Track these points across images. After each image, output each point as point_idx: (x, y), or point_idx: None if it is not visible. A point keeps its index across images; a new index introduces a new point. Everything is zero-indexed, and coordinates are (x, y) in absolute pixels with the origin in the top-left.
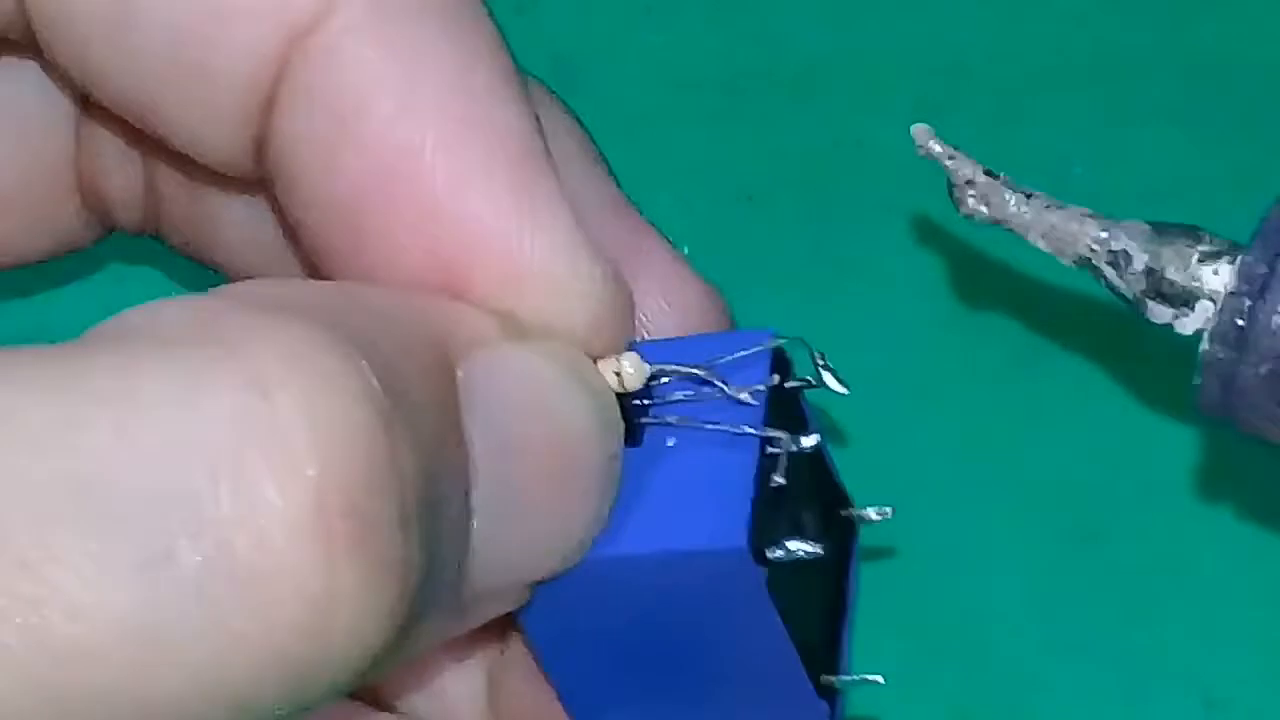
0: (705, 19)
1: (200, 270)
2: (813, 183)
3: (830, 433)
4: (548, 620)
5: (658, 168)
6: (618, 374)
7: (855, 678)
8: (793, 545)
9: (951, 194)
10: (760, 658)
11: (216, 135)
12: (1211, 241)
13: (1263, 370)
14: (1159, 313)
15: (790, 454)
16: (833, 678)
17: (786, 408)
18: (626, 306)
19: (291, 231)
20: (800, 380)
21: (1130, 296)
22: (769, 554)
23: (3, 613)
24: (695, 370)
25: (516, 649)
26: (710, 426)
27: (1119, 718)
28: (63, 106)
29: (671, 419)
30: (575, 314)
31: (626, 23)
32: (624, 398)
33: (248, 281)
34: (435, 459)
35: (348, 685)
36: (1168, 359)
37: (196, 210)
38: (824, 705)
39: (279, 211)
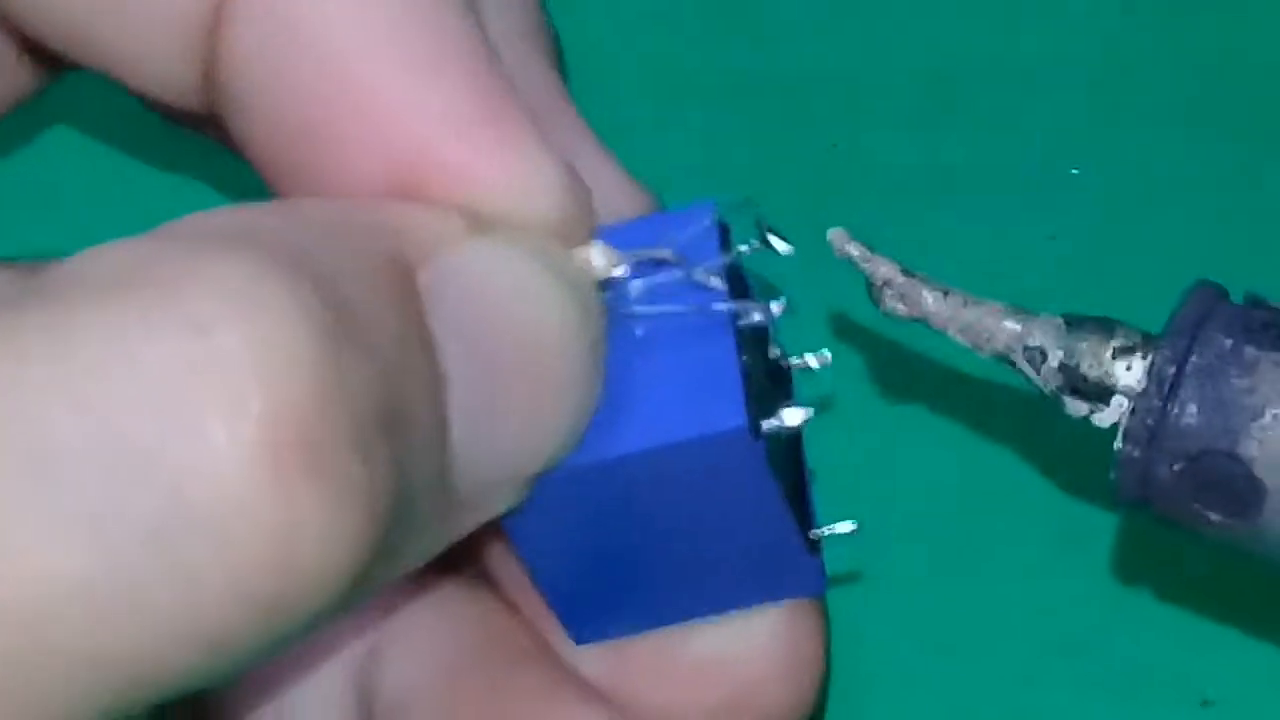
0: (705, 21)
1: None
2: (811, 185)
3: (769, 293)
4: (535, 525)
5: (657, 168)
6: (585, 262)
7: (829, 530)
8: (786, 415)
9: (870, 293)
10: (755, 529)
11: (164, 65)
12: (1125, 335)
13: (1176, 468)
14: (1075, 407)
15: (755, 324)
16: (812, 533)
17: (731, 276)
18: (586, 201)
19: (243, 154)
20: (745, 246)
21: (1047, 391)
22: (764, 426)
23: None
24: (663, 255)
25: (397, 626)
26: (680, 310)
27: (1115, 717)
28: None
29: (636, 308)
30: (536, 211)
31: (626, 23)
32: None
33: (187, 217)
34: (397, 373)
35: (331, 612)
36: None
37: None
38: (817, 562)
39: (231, 145)
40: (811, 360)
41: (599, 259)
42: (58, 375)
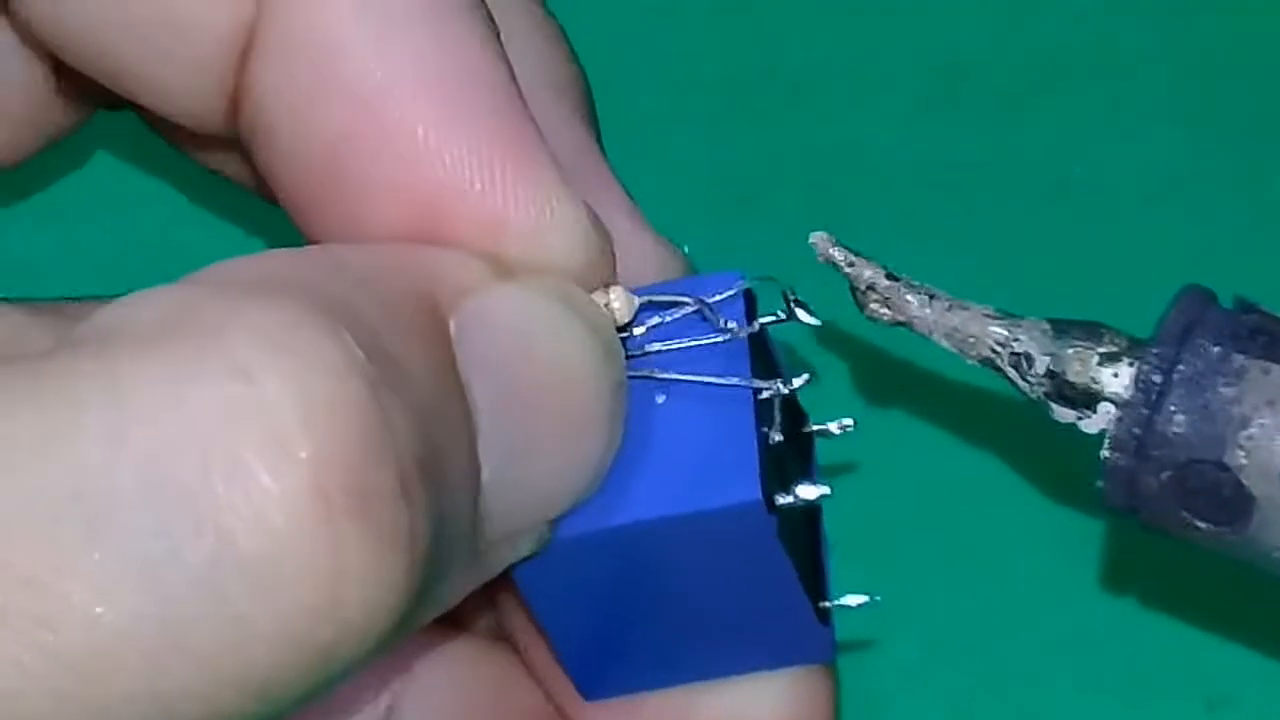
0: (705, 19)
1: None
2: (813, 183)
3: (799, 367)
4: (548, 582)
5: (658, 168)
6: (605, 306)
7: (846, 601)
8: (802, 490)
9: (855, 298)
10: (766, 598)
11: (191, 93)
12: (1112, 341)
13: (1164, 477)
14: (1063, 414)
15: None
16: (826, 603)
17: (755, 345)
18: (607, 250)
19: (269, 189)
20: (772, 315)
21: (1033, 397)
22: (779, 500)
23: (16, 632)
24: (685, 299)
25: (412, 684)
26: (700, 380)
27: (1120, 718)
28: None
29: (656, 373)
30: (558, 254)
31: (627, 23)
32: None
33: (222, 263)
34: (432, 417)
35: (372, 656)
36: None
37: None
38: (828, 632)
39: (255, 171)
40: (833, 428)
41: (619, 302)
42: (110, 421)
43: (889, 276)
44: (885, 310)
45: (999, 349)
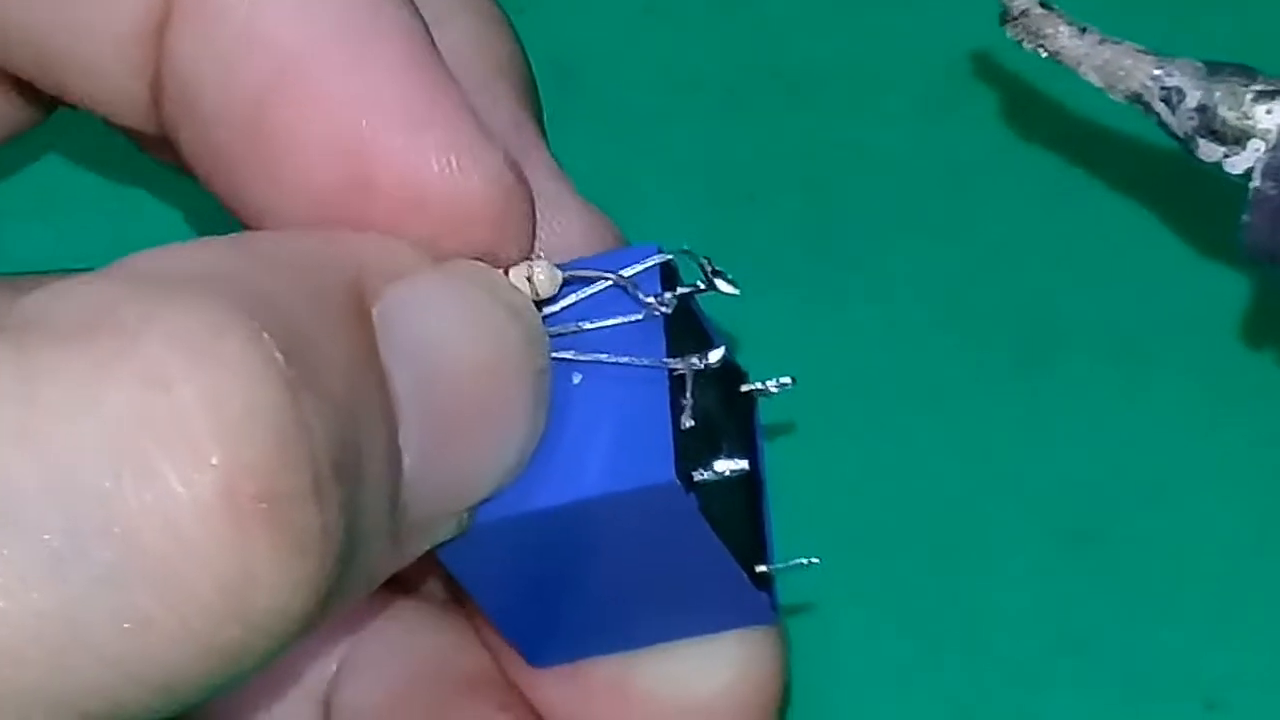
0: (705, 19)
1: None
2: (813, 183)
3: (735, 343)
4: (474, 563)
5: (658, 168)
6: (529, 279)
7: (788, 564)
8: (720, 465)
9: (1004, 23)
10: (697, 570)
11: (113, 83)
12: (1266, 81)
13: None
14: (1209, 151)
15: (699, 371)
16: (765, 567)
17: (684, 320)
18: (529, 201)
19: (198, 176)
20: (690, 285)
21: (1181, 134)
22: (696, 477)
23: None
24: (607, 275)
25: (359, 647)
26: (615, 360)
27: (1119, 718)
28: None
29: (569, 354)
30: (479, 205)
31: (626, 23)
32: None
33: (147, 253)
34: (352, 412)
35: (281, 651)
36: (1168, 351)
37: None
38: (764, 596)
39: (184, 163)
40: (771, 386)
41: (543, 275)
42: (22, 417)
43: (1042, 4)
44: (1033, 39)
45: (1150, 83)
